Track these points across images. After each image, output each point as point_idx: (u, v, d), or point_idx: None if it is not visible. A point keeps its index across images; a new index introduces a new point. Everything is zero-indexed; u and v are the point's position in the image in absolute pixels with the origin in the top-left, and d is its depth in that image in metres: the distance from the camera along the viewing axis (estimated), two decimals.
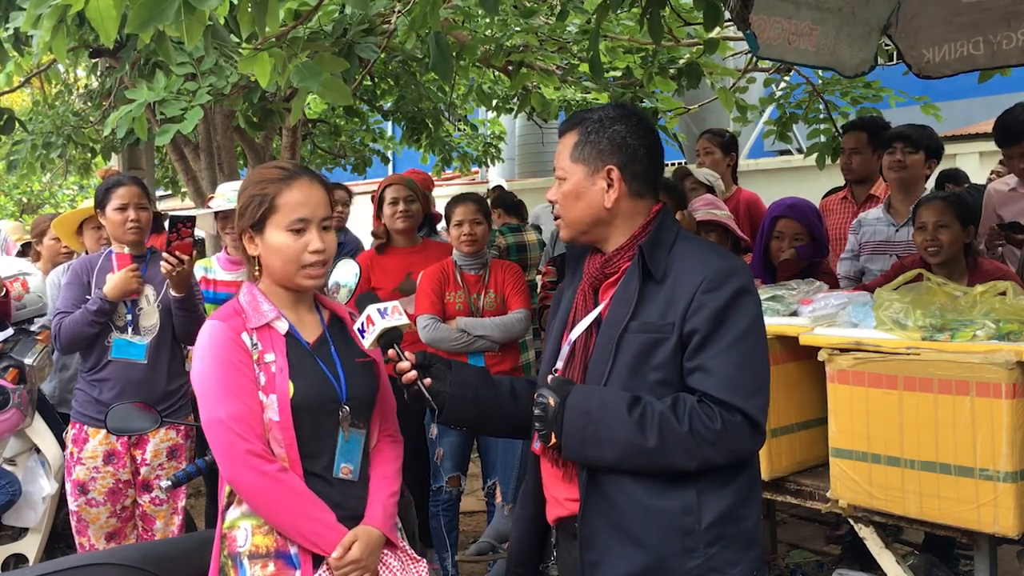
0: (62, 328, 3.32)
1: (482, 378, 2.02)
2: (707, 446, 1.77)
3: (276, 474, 1.98)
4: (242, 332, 2.03)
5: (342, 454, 2.07)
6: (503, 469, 4.03)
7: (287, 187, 2.03)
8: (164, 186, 10.28)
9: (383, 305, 1.99)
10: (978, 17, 3.58)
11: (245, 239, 2.08)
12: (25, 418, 3.82)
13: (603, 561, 1.86)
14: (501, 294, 3.99)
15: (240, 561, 2.01)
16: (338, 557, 1.99)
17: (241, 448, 1.97)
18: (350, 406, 2.08)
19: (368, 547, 2.03)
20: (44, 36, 2.34)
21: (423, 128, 7.52)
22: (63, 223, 4.21)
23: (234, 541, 2.03)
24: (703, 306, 1.80)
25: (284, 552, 2.01)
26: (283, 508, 1.99)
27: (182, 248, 3.17)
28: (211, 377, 2.01)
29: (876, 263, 4.04)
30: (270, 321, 2.06)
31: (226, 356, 2.00)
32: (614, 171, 1.91)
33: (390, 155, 11.27)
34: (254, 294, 2.09)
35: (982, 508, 2.40)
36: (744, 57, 5.97)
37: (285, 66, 2.70)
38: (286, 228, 2.02)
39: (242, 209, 2.08)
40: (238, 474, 1.98)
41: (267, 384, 2.01)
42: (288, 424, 2.00)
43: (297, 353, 2.06)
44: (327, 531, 2.00)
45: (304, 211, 2.03)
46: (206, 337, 2.04)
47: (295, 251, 2.02)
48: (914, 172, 4.13)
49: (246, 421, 1.98)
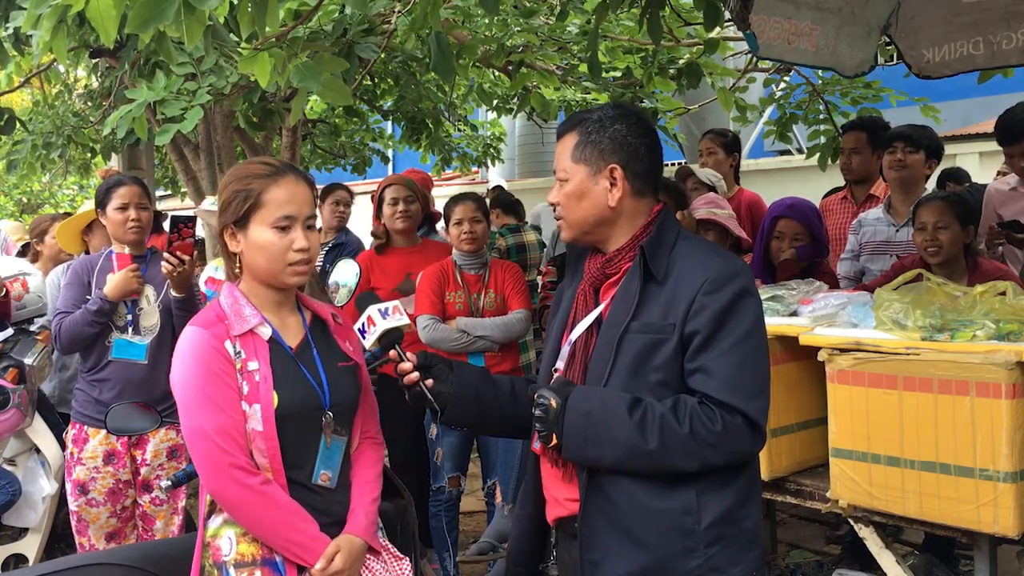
0: (62, 328, 3.32)
1: (483, 378, 2.02)
2: (708, 448, 1.77)
3: (259, 487, 1.95)
4: (225, 340, 1.98)
5: (322, 461, 2.05)
6: (503, 469, 4.03)
7: (273, 183, 1.99)
8: (164, 186, 10.27)
9: (384, 305, 1.99)
10: (978, 17, 3.58)
11: (227, 235, 2.04)
12: (25, 418, 3.82)
13: (603, 561, 1.86)
14: (501, 294, 3.99)
15: (226, 570, 1.99)
16: (321, 569, 1.98)
17: (224, 461, 1.94)
18: (333, 412, 2.06)
19: (351, 556, 2.02)
20: (44, 36, 2.34)
21: (423, 128, 7.51)
22: (66, 231, 4.18)
23: (218, 550, 2.01)
24: (704, 307, 1.80)
25: (270, 560, 2.00)
26: (266, 521, 1.97)
27: (183, 248, 3.17)
28: (193, 387, 1.96)
29: (876, 263, 4.04)
30: (253, 327, 2.01)
31: (209, 366, 1.96)
32: (617, 170, 1.91)
33: (390, 155, 11.27)
34: (236, 297, 2.04)
35: (982, 508, 2.40)
36: (744, 57, 5.97)
37: (285, 66, 2.70)
38: (271, 225, 1.98)
39: (224, 204, 2.02)
40: (221, 487, 1.96)
41: (250, 393, 1.97)
42: (272, 434, 1.97)
43: (280, 360, 2.02)
44: (310, 542, 1.99)
45: (290, 208, 1.99)
46: (187, 344, 1.99)
47: (280, 249, 1.98)
48: (914, 172, 4.13)
49: (229, 434, 1.94)
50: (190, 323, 2.04)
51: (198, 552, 2.05)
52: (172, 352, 3.35)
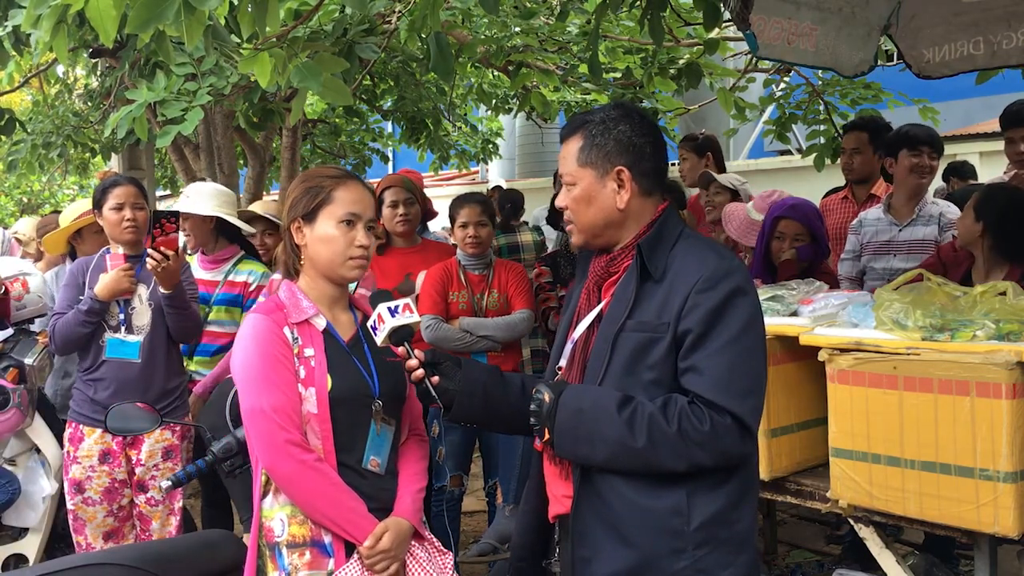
0: (56, 329, 3.33)
1: (492, 376, 2.02)
2: (695, 447, 1.76)
3: (313, 463, 2.05)
4: (284, 326, 2.12)
5: (372, 447, 2.15)
6: (504, 469, 4.03)
7: (343, 184, 2.17)
8: (164, 186, 10.28)
9: (394, 303, 2.01)
10: (978, 17, 3.58)
11: (293, 228, 2.18)
12: (25, 418, 3.82)
13: (594, 559, 1.86)
14: (505, 294, 3.98)
15: (279, 550, 2.09)
16: (370, 546, 2.06)
17: (281, 437, 2.04)
18: (383, 401, 2.17)
19: (398, 537, 2.10)
20: (43, 36, 2.33)
21: (423, 128, 7.52)
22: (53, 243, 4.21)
23: (271, 531, 2.11)
24: (697, 306, 1.79)
25: (319, 541, 2.08)
26: (319, 496, 2.05)
27: (167, 244, 3.15)
28: (254, 368, 2.09)
29: (879, 263, 4.01)
30: (309, 317, 2.15)
31: (269, 349, 2.09)
32: (624, 171, 1.90)
33: (390, 154, 11.27)
34: (293, 291, 2.19)
35: (982, 508, 2.40)
36: (744, 57, 5.97)
37: (285, 66, 2.70)
38: (338, 220, 2.13)
39: (295, 201, 2.18)
40: (277, 462, 2.05)
41: (306, 377, 2.10)
42: (326, 416, 2.09)
43: (334, 349, 2.15)
44: (360, 520, 2.08)
45: (357, 207, 2.16)
46: (249, 329, 2.13)
47: (344, 243, 2.13)
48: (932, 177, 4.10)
49: (286, 412, 2.06)
50: (251, 311, 2.19)
51: (254, 533, 2.13)
52: (165, 350, 3.44)
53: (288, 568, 2.07)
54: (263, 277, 3.78)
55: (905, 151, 4.02)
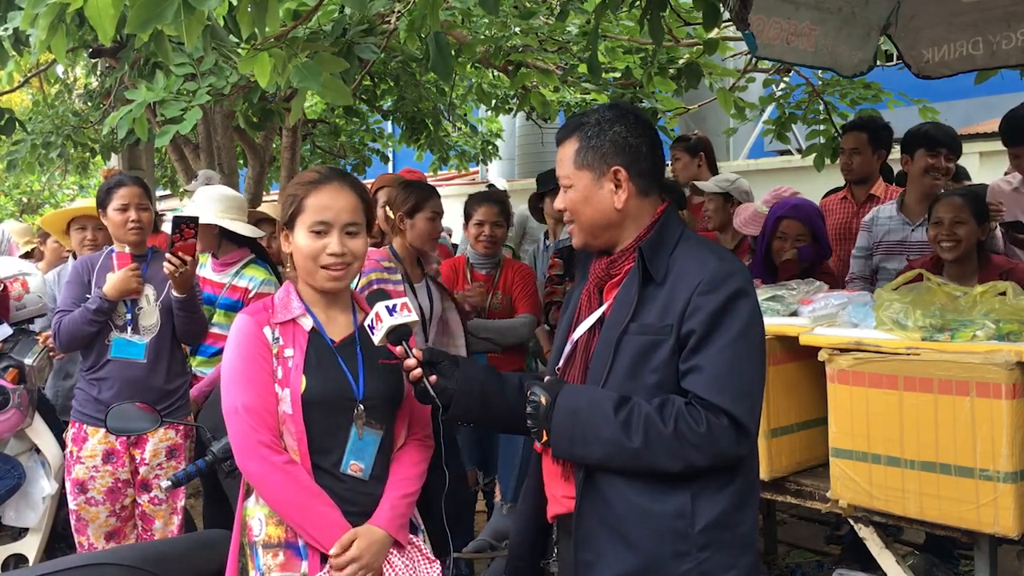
0: (62, 326, 3.33)
1: (489, 375, 2.02)
2: (691, 448, 1.76)
3: (282, 465, 2.04)
4: (264, 326, 2.12)
5: (353, 451, 2.11)
6: (503, 467, 4.03)
7: (315, 190, 2.12)
8: (164, 186, 10.28)
9: (392, 302, 2.01)
10: (978, 17, 3.58)
11: (282, 237, 2.19)
12: (25, 418, 3.82)
13: (596, 562, 1.86)
14: (508, 295, 3.97)
15: (256, 550, 2.09)
16: (335, 554, 2.02)
17: (252, 438, 2.05)
18: (366, 405, 2.12)
19: (369, 546, 2.05)
20: (41, 35, 2.34)
21: (423, 128, 7.51)
22: (52, 220, 4.27)
23: (251, 530, 2.11)
24: (699, 308, 1.80)
25: (293, 543, 2.07)
26: (287, 499, 2.04)
27: (185, 249, 3.18)
28: (232, 368, 2.10)
29: (892, 262, 3.98)
30: (295, 317, 2.14)
31: (247, 349, 2.10)
32: (620, 172, 1.91)
33: (390, 154, 11.26)
34: (288, 291, 2.19)
35: (982, 508, 2.40)
36: (744, 57, 5.97)
37: (285, 66, 2.70)
38: (308, 229, 2.11)
39: (281, 207, 2.21)
40: (248, 462, 2.06)
41: (283, 378, 2.09)
42: (299, 418, 2.06)
43: (319, 350, 2.12)
44: (329, 527, 2.04)
45: (326, 215, 2.10)
46: (234, 329, 2.14)
47: (313, 251, 2.10)
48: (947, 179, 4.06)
49: (258, 412, 2.06)
50: (241, 312, 2.20)
51: (237, 530, 2.15)
52: (171, 352, 3.44)
53: (263, 568, 2.06)
54: (263, 284, 3.77)
55: (923, 151, 3.99)
